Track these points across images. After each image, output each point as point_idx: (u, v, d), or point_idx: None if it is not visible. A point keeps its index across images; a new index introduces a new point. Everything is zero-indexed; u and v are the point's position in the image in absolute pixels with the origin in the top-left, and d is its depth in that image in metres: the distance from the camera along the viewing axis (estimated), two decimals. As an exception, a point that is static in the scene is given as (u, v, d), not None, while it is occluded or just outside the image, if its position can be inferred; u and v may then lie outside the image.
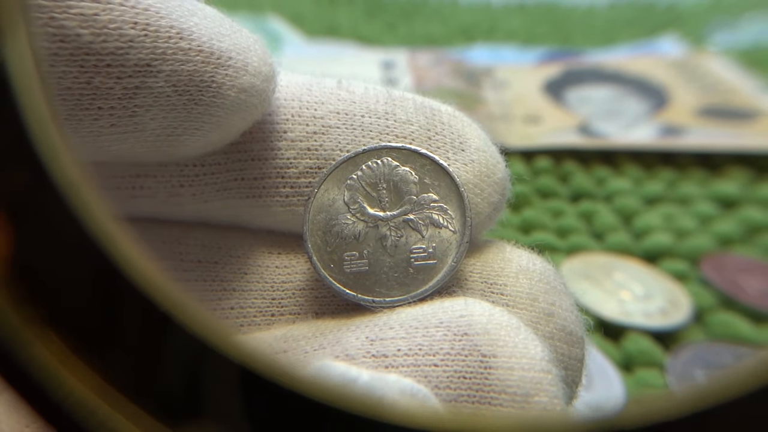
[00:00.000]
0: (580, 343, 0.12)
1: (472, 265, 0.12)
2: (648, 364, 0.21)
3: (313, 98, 0.13)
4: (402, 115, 0.13)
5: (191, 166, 0.12)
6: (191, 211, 0.13)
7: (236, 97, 0.11)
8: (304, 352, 0.11)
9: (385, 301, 0.11)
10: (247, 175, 0.12)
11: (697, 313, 0.23)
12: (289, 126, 0.12)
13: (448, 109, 0.13)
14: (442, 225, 0.12)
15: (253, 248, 0.13)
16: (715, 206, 0.30)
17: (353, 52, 0.45)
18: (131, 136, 0.10)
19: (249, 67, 0.11)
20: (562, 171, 0.32)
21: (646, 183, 0.32)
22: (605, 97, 0.38)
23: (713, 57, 0.43)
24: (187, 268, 0.12)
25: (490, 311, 0.11)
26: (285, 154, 0.12)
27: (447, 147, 0.12)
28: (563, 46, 0.49)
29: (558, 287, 0.12)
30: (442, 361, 0.10)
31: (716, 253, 0.26)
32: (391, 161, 0.12)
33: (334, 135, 0.12)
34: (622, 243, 0.27)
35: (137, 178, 0.12)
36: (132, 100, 0.10)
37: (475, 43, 0.50)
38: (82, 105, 0.10)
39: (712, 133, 0.34)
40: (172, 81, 0.10)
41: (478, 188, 0.12)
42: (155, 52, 0.10)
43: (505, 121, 0.36)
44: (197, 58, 0.10)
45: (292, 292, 0.12)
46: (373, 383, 0.09)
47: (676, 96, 0.38)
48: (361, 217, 0.12)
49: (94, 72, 0.09)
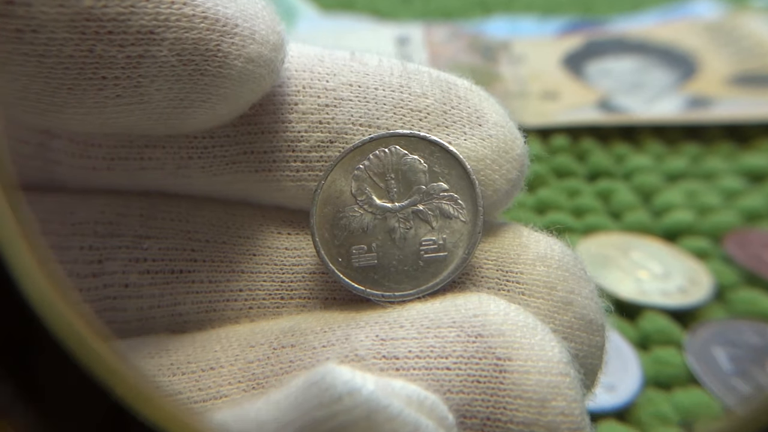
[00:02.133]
0: (600, 331, 0.12)
1: (487, 251, 0.12)
2: (665, 342, 0.21)
3: (325, 69, 0.12)
4: (417, 88, 0.12)
5: (200, 138, 0.12)
6: (200, 185, 0.12)
7: (243, 67, 0.10)
8: (312, 348, 0.11)
9: (395, 295, 0.11)
10: (256, 149, 0.12)
11: (719, 290, 0.23)
12: (299, 98, 0.12)
13: (465, 83, 0.13)
14: (452, 215, 0.11)
15: (262, 228, 0.13)
16: (741, 180, 0.29)
17: (368, 27, 0.45)
18: (137, 108, 0.10)
19: (256, 35, 0.10)
20: (579, 149, 0.32)
21: (668, 159, 0.31)
22: (628, 69, 0.37)
23: (756, 15, 0.40)
24: (196, 248, 0.12)
25: (506, 310, 0.10)
26: (296, 126, 0.12)
27: (464, 121, 0.12)
28: (585, 15, 0.48)
29: (578, 273, 0.12)
30: (455, 364, 0.10)
31: (740, 229, 0.26)
32: (399, 149, 0.12)
33: (347, 108, 0.12)
34: (640, 222, 0.26)
35: (145, 148, 0.12)
36: (136, 70, 0.10)
37: (493, 14, 0.48)
38: (86, 74, 0.09)
39: (743, 102, 0.33)
40: (176, 50, 0.10)
41: (496, 164, 0.12)
42: (158, 18, 0.09)
43: (521, 98, 0.35)
44: (201, 25, 0.10)
45: (302, 276, 0.12)
46: (379, 392, 0.09)
47: (706, 64, 0.36)
48: (369, 208, 0.12)
49: (95, 39, 0.09)
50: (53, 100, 0.10)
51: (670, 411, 0.18)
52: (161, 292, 0.12)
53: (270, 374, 0.11)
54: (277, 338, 0.11)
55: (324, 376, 0.09)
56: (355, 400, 0.08)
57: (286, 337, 0.11)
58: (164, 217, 0.12)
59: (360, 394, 0.08)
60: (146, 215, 0.12)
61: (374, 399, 0.08)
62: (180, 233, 0.12)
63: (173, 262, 0.12)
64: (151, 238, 0.12)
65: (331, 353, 0.10)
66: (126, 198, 0.12)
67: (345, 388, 0.08)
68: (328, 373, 0.09)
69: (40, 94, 0.10)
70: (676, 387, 0.19)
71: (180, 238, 0.12)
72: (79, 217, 0.12)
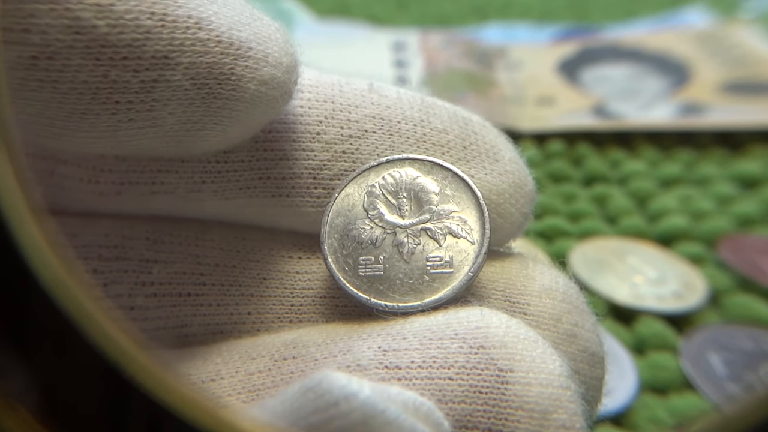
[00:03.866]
0: (600, 364, 0.12)
1: (494, 282, 0.12)
2: (660, 346, 0.21)
3: (347, 101, 0.13)
4: (438, 123, 0.13)
5: (213, 162, 0.12)
6: (211, 209, 0.12)
7: (256, 89, 0.10)
8: (314, 360, 0.11)
9: (398, 306, 0.11)
10: (274, 174, 0.12)
11: (713, 295, 0.23)
12: (322, 128, 0.12)
13: (478, 119, 0.13)
14: (460, 235, 0.12)
15: (272, 252, 0.13)
16: (735, 186, 0.29)
17: (364, 34, 0.45)
18: (150, 131, 0.10)
19: (269, 57, 0.11)
20: (575, 154, 0.32)
21: (662, 165, 0.31)
22: (623, 76, 0.37)
23: (744, 26, 0.41)
24: (204, 272, 0.12)
25: (507, 323, 0.11)
26: (318, 155, 0.12)
27: (483, 157, 0.12)
28: (580, 22, 0.48)
29: (580, 307, 0.12)
30: (457, 374, 0.10)
31: (734, 235, 0.26)
32: (413, 171, 0.12)
33: (372, 139, 0.12)
34: (635, 226, 0.27)
35: (158, 173, 0.12)
36: (150, 94, 0.10)
37: (489, 21, 0.49)
38: (99, 99, 0.09)
39: (735, 109, 0.33)
40: (190, 74, 0.10)
41: (513, 198, 0.12)
42: (173, 43, 0.09)
43: (517, 104, 0.35)
44: (216, 49, 0.10)
45: (312, 299, 0.12)
46: (375, 397, 0.09)
47: (698, 72, 0.37)
48: (380, 223, 0.12)
49: (110, 65, 0.09)
50: (66, 125, 0.10)
51: (665, 415, 0.18)
52: (167, 314, 0.12)
53: (271, 385, 0.11)
54: (278, 350, 0.11)
55: (320, 382, 0.09)
56: (351, 405, 0.08)
57: (287, 349, 0.11)
58: (172, 240, 0.12)
59: (356, 398, 0.08)
60: (153, 239, 0.12)
61: (370, 404, 0.08)
62: (188, 257, 0.12)
63: (181, 286, 0.12)
64: (158, 262, 0.12)
65: (333, 364, 0.10)
66: (132, 221, 0.12)
67: (341, 393, 0.08)
68: (324, 378, 0.09)
69: (54, 119, 0.10)
70: (671, 391, 0.20)
71: (188, 262, 0.12)
72: (83, 241, 0.12)
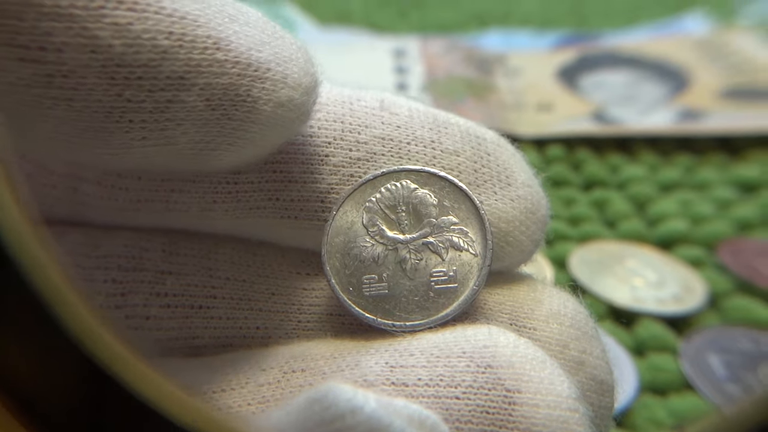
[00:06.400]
0: (610, 392, 0.12)
1: (501, 305, 0.12)
2: (660, 348, 0.21)
3: (356, 120, 0.12)
4: (449, 144, 0.12)
5: (224, 183, 0.12)
6: (223, 226, 0.13)
7: (272, 112, 0.10)
8: (322, 373, 0.11)
9: (406, 325, 0.11)
10: (283, 196, 0.12)
11: (713, 298, 0.23)
12: (331, 150, 0.12)
13: (493, 137, 0.13)
14: (462, 248, 0.11)
15: (282, 268, 0.13)
16: (734, 191, 0.29)
17: (365, 41, 0.45)
18: (163, 150, 0.10)
19: (288, 79, 0.10)
20: (574, 159, 0.32)
21: (662, 169, 0.31)
22: (621, 82, 0.38)
23: (742, 32, 0.42)
24: (216, 285, 0.12)
25: (515, 342, 0.10)
26: (326, 179, 0.12)
27: (494, 181, 0.12)
28: (580, 29, 0.48)
29: (590, 333, 0.12)
30: (464, 393, 0.10)
31: (733, 238, 0.26)
32: (409, 184, 0.12)
33: (380, 162, 0.12)
34: (635, 230, 0.27)
35: (171, 192, 0.12)
36: (163, 114, 0.10)
37: (489, 28, 0.49)
38: (113, 117, 0.09)
39: (733, 115, 0.33)
40: (205, 95, 0.10)
41: (523, 225, 0.12)
42: (189, 64, 0.09)
43: (517, 110, 0.36)
44: (233, 70, 0.10)
45: (319, 316, 0.12)
46: (381, 411, 0.09)
47: (697, 78, 0.37)
48: (380, 239, 0.12)
49: (125, 85, 0.09)
50: (80, 141, 0.10)
51: (665, 416, 0.19)
52: (180, 325, 0.12)
53: (280, 398, 0.11)
54: (287, 363, 0.11)
55: (326, 394, 0.09)
56: (357, 418, 0.08)
57: (296, 362, 0.11)
58: (186, 253, 0.12)
59: (362, 412, 0.08)
60: (168, 251, 0.12)
61: (376, 417, 0.08)
62: (201, 270, 0.12)
63: (193, 298, 0.12)
64: (172, 273, 0.12)
65: (341, 378, 0.10)
66: (149, 234, 0.13)
67: (347, 406, 0.08)
68: (330, 391, 0.09)
69: (68, 135, 0.10)
70: (671, 393, 0.20)
71: (201, 274, 0.12)
72: (104, 251, 0.12)
